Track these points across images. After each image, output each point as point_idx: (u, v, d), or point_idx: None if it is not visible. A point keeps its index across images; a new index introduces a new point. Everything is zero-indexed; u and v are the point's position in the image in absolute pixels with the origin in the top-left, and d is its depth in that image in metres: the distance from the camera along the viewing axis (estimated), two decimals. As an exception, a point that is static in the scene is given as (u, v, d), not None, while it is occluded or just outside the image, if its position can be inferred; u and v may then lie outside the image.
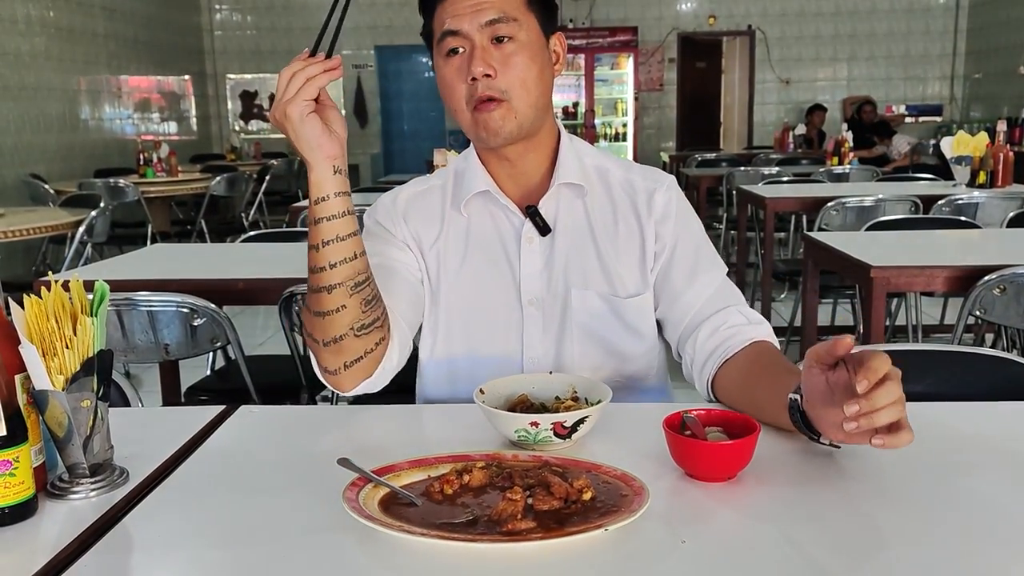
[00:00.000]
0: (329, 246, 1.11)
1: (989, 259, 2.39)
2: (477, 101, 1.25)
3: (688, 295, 1.32)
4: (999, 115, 8.43)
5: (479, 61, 1.23)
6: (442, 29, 1.26)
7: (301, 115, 1.10)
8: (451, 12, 1.25)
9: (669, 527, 0.86)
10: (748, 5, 10.61)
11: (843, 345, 0.95)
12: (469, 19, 1.24)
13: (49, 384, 0.91)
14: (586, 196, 1.35)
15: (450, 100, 1.29)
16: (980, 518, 0.88)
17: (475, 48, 1.24)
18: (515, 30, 1.25)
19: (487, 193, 1.34)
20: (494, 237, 1.36)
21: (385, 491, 0.90)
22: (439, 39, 1.27)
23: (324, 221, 1.11)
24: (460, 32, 1.24)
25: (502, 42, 1.25)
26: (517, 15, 1.26)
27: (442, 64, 1.28)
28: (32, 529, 0.89)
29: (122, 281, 2.18)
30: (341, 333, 1.14)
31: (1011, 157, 4.35)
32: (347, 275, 1.12)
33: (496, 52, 1.25)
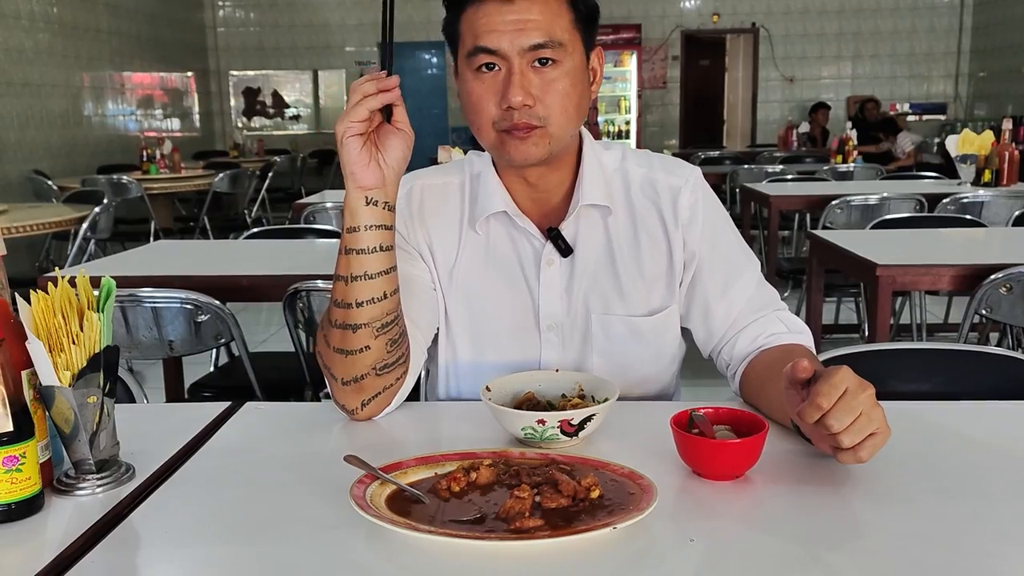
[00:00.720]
0: (358, 282, 1.06)
1: (995, 258, 2.38)
2: (510, 127, 1.15)
3: (723, 305, 1.27)
4: (1004, 113, 8.41)
5: (518, 89, 1.12)
6: (475, 43, 1.13)
7: (342, 135, 1.04)
8: (487, 25, 1.13)
9: (677, 525, 0.86)
10: (752, 3, 10.59)
11: (800, 369, 0.96)
12: (510, 39, 1.12)
13: (56, 380, 0.91)
14: (610, 215, 1.27)
15: (474, 116, 1.18)
16: (988, 518, 0.87)
17: (513, 72, 1.12)
18: (560, 54, 1.13)
19: (505, 213, 1.26)
20: (512, 259, 1.28)
21: (392, 488, 0.90)
22: (470, 52, 1.15)
23: (354, 253, 1.06)
24: (498, 51, 1.13)
25: (544, 66, 1.13)
26: (563, 38, 1.14)
27: (470, 77, 1.16)
28: (39, 525, 0.89)
29: (126, 277, 2.18)
30: (363, 373, 1.10)
31: (1016, 156, 4.35)
32: (374, 315, 1.08)
33: (536, 77, 1.13)
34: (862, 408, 0.91)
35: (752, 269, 1.30)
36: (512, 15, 1.12)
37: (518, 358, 1.28)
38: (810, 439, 1.01)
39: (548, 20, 1.13)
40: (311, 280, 2.12)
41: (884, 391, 1.36)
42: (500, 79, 1.14)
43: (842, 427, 0.90)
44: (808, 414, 0.92)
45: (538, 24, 1.12)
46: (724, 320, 1.28)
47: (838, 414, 0.90)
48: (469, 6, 1.15)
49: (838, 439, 0.92)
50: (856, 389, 0.92)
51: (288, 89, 11.28)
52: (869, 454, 0.93)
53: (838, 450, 0.93)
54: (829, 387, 0.91)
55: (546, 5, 1.13)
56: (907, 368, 1.45)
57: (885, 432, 0.93)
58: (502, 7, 1.12)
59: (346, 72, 10.98)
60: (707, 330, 1.30)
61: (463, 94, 1.19)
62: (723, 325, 1.28)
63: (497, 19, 1.12)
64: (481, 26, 1.13)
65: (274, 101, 11.29)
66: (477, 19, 1.13)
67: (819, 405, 0.91)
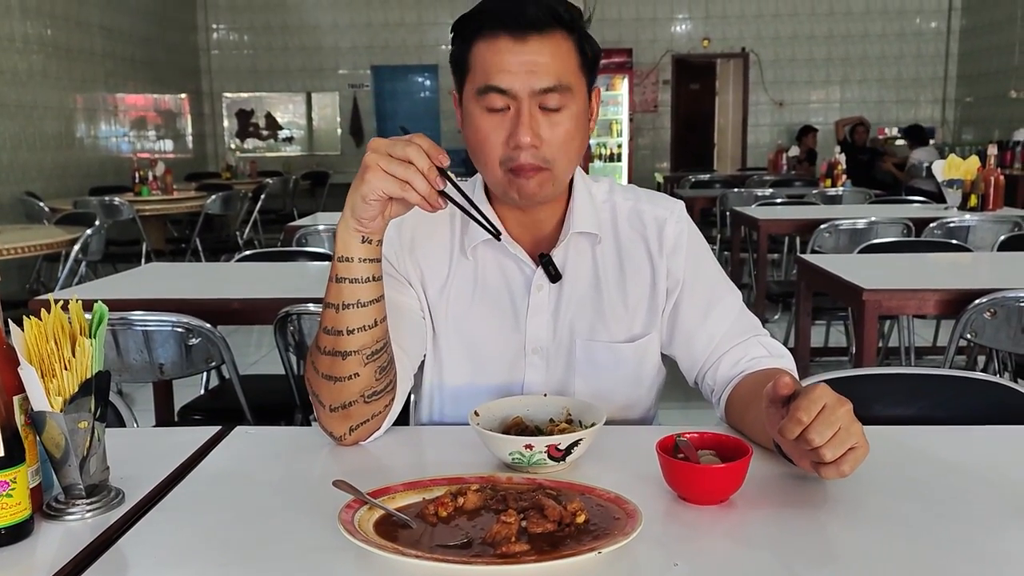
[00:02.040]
0: (349, 310, 1.08)
1: (980, 282, 2.41)
2: (516, 167, 1.18)
3: (704, 331, 1.30)
4: (990, 138, 8.52)
5: (527, 130, 1.15)
6: (487, 81, 1.15)
7: (367, 195, 1.02)
8: (499, 64, 1.15)
9: (662, 550, 0.87)
10: (742, 28, 10.70)
11: (782, 385, 0.99)
12: (522, 80, 1.14)
13: (47, 405, 0.91)
14: (598, 244, 1.31)
15: (480, 152, 1.20)
16: (970, 541, 0.88)
17: (522, 113, 1.15)
18: (567, 99, 1.16)
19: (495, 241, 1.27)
20: (501, 285, 1.31)
21: (380, 513, 0.91)
22: (481, 89, 1.16)
23: (346, 282, 1.08)
24: (509, 91, 1.15)
25: (552, 109, 1.16)
26: (571, 82, 1.17)
27: (478, 113, 1.18)
28: (28, 550, 0.89)
29: (118, 300, 2.18)
30: (351, 400, 1.12)
31: (1002, 180, 4.40)
32: (364, 343, 1.09)
33: (544, 119, 1.16)
34: (841, 422, 0.93)
35: (733, 297, 1.34)
36: (525, 55, 1.14)
37: (502, 381, 1.30)
38: (791, 459, 1.02)
39: (558, 63, 1.15)
40: (302, 303, 2.13)
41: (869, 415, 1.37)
42: (508, 118, 1.16)
43: (823, 440, 0.92)
44: (789, 429, 0.94)
45: (549, 67, 1.14)
46: (706, 346, 1.30)
47: (819, 428, 0.92)
48: (481, 40, 1.16)
49: (820, 453, 0.93)
50: (835, 404, 0.94)
51: (281, 111, 11.32)
52: (851, 468, 0.95)
53: (820, 465, 0.95)
54: (808, 402, 0.94)
55: (557, 48, 1.15)
56: (892, 392, 1.46)
57: (864, 446, 0.95)
58: (515, 46, 1.14)
59: (339, 94, 11.03)
60: (690, 356, 1.32)
61: (470, 127, 1.21)
62: (705, 350, 1.30)
63: (510, 58, 1.14)
64: (493, 64, 1.15)
65: (267, 123, 11.33)
66: (489, 56, 1.15)
67: (799, 419, 0.93)
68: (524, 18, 1.13)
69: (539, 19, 1.14)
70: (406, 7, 10.70)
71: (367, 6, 10.72)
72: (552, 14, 1.15)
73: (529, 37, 1.14)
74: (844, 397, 0.96)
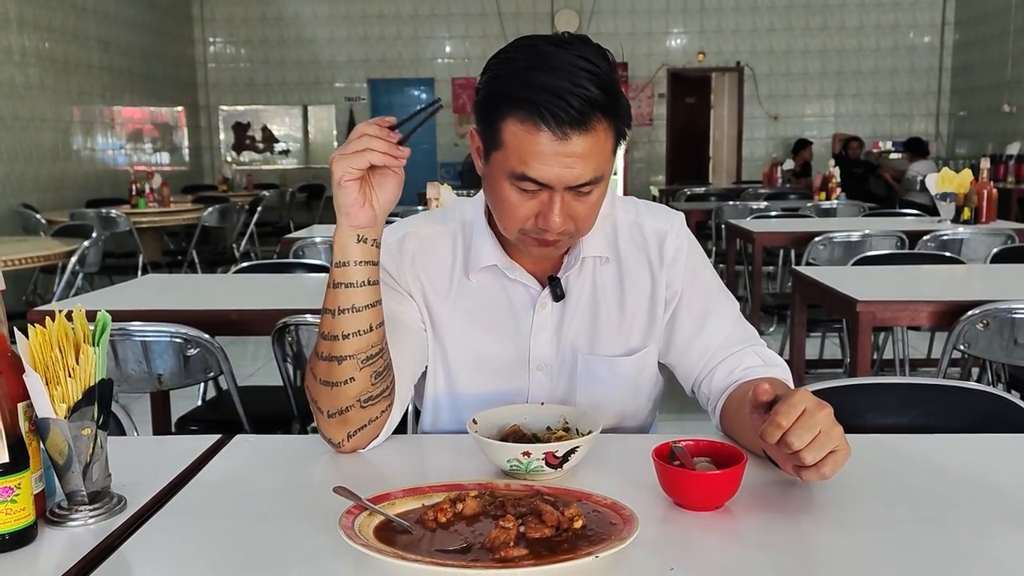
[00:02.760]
0: (345, 315, 1.09)
1: (973, 294, 2.43)
2: (540, 237, 1.18)
3: (700, 339, 1.31)
4: (984, 152, 8.57)
5: (560, 217, 1.14)
6: (523, 171, 1.11)
7: (340, 179, 1.06)
8: (538, 157, 1.10)
9: (658, 555, 0.88)
10: (736, 42, 10.77)
11: (761, 392, 1.01)
12: (559, 174, 1.11)
13: (52, 412, 0.92)
14: (601, 263, 1.31)
15: (502, 215, 1.19)
16: (961, 547, 0.90)
17: (555, 202, 1.13)
18: (599, 184, 1.16)
19: (497, 267, 1.29)
20: (505, 304, 1.31)
21: (380, 519, 0.92)
22: (516, 176, 1.12)
23: (342, 287, 1.09)
24: (547, 184, 1.12)
25: (583, 194, 1.15)
26: (606, 169, 1.15)
27: (507, 187, 1.15)
28: (32, 555, 0.90)
29: (116, 311, 2.18)
30: (348, 405, 1.13)
31: (995, 194, 4.43)
32: (360, 347, 1.11)
33: (575, 203, 1.15)
34: (821, 426, 0.95)
35: (730, 307, 1.35)
36: (564, 152, 1.10)
37: (506, 398, 1.31)
38: (777, 463, 1.04)
39: (596, 156, 1.12)
40: (300, 314, 2.15)
41: (862, 424, 1.39)
42: (539, 200, 1.15)
43: (803, 444, 0.94)
44: (769, 434, 0.96)
45: (588, 162, 1.11)
46: (703, 355, 1.31)
47: (798, 432, 0.94)
48: (517, 121, 1.10)
49: (800, 456, 0.95)
50: (814, 408, 0.96)
51: (278, 124, 11.36)
52: (832, 470, 0.96)
53: (801, 468, 0.97)
54: (788, 407, 0.96)
55: (596, 142, 1.11)
56: (885, 402, 1.48)
57: (845, 449, 0.97)
58: (554, 142, 1.09)
59: (335, 107, 11.07)
60: (687, 365, 1.34)
61: (494, 193, 1.18)
62: (701, 359, 1.32)
63: (550, 153, 1.10)
64: (531, 155, 1.11)
65: (263, 136, 11.36)
66: (525, 144, 1.11)
67: (779, 424, 0.95)
68: (567, 115, 1.08)
69: (581, 115, 1.08)
70: (403, 21, 10.76)
71: (364, 20, 10.78)
72: (594, 104, 1.09)
73: (570, 134, 1.09)
74: (824, 401, 0.98)
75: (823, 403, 0.97)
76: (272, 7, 10.79)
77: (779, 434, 0.95)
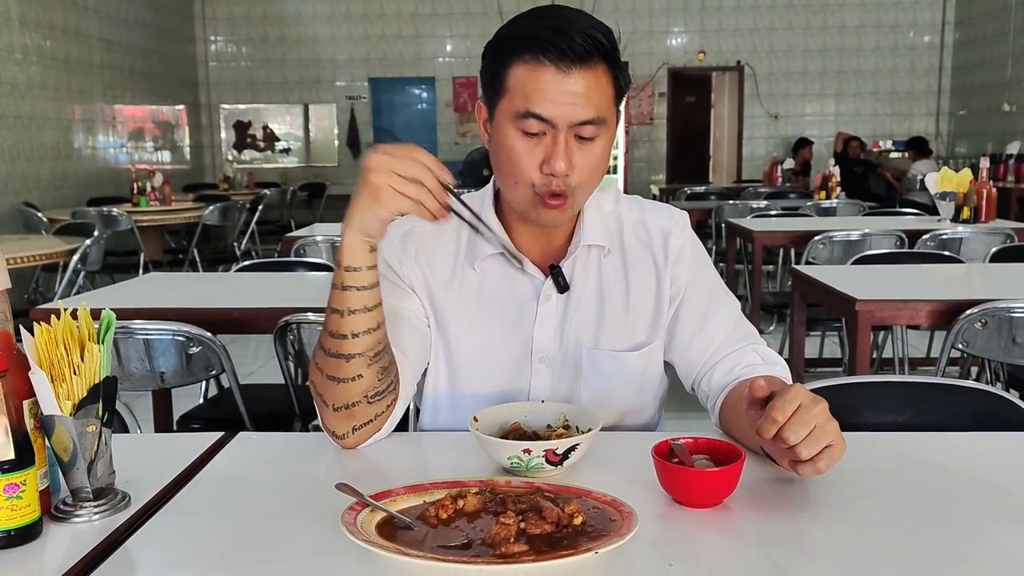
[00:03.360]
0: (355, 315, 1.11)
1: (972, 293, 2.44)
2: (547, 193, 1.19)
3: (701, 337, 1.32)
4: (983, 151, 8.58)
5: (563, 159, 1.16)
6: (528, 108, 1.15)
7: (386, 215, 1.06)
8: (542, 94, 1.15)
9: (657, 551, 0.89)
10: (737, 41, 10.78)
11: (757, 387, 1.03)
12: (564, 111, 1.15)
13: (57, 409, 0.93)
14: (606, 255, 1.33)
15: (510, 174, 1.21)
16: (958, 544, 0.91)
17: (559, 142, 1.16)
18: (601, 130, 1.19)
19: (503, 255, 1.29)
20: (509, 296, 1.32)
21: (382, 515, 0.93)
22: (520, 114, 1.16)
23: (353, 290, 1.10)
24: (549, 121, 1.16)
25: (587, 139, 1.18)
26: (607, 114, 1.19)
27: (512, 135, 1.18)
28: (37, 551, 0.91)
29: (118, 309, 2.19)
30: (355, 400, 1.14)
31: (994, 193, 4.43)
32: (368, 345, 1.12)
33: (578, 149, 1.18)
34: (816, 421, 0.96)
35: (731, 306, 1.36)
36: (567, 86, 1.14)
37: (507, 389, 1.32)
38: (774, 458, 1.05)
39: (598, 96, 1.17)
40: (302, 312, 2.15)
41: (861, 422, 1.40)
42: (544, 144, 1.17)
43: (798, 439, 0.95)
44: (765, 429, 0.97)
45: (589, 100, 1.16)
46: (703, 353, 1.32)
47: (794, 427, 0.95)
48: (522, 63, 1.16)
49: (796, 451, 0.96)
50: (809, 403, 0.97)
51: (279, 123, 11.36)
52: (827, 465, 0.97)
53: (797, 463, 0.98)
54: (783, 402, 0.97)
55: (597, 80, 1.16)
56: (884, 400, 1.48)
57: (841, 444, 0.98)
58: (558, 76, 1.14)
59: (336, 106, 11.07)
60: (687, 362, 1.34)
61: (502, 148, 1.21)
62: (702, 357, 1.33)
63: (553, 88, 1.14)
64: (535, 92, 1.15)
65: (264, 134, 11.36)
66: (531, 82, 1.15)
67: (774, 419, 0.96)
68: (571, 49, 1.13)
69: (584, 51, 1.14)
70: (404, 20, 10.76)
71: (364, 19, 10.78)
72: (596, 46, 1.15)
73: (573, 69, 1.14)
74: (819, 396, 0.99)
75: (818, 398, 0.98)
76: (273, 6, 10.80)
77: (775, 429, 0.96)
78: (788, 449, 0.97)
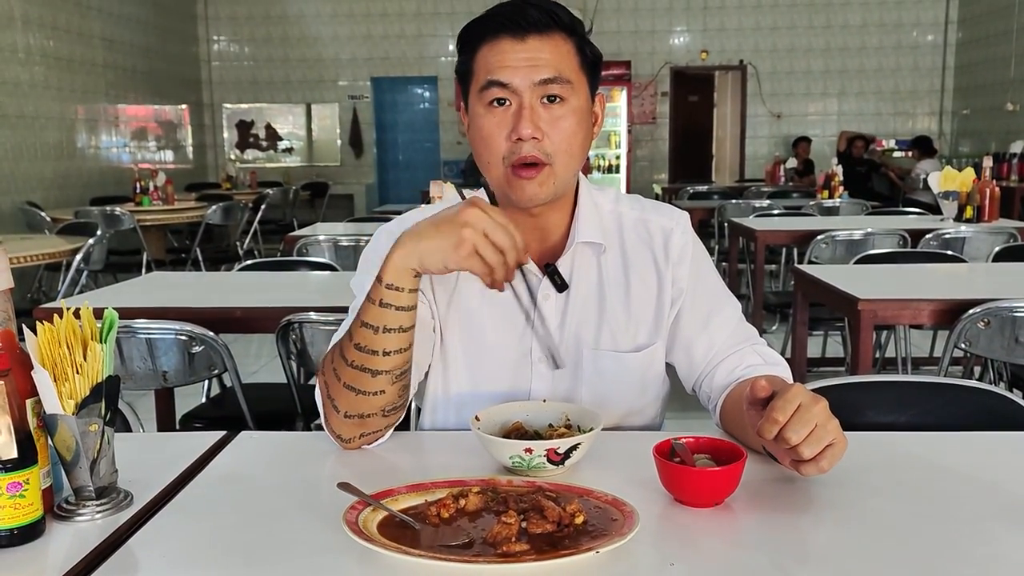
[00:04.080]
0: (390, 334, 1.10)
1: (975, 293, 2.43)
2: (519, 163, 1.19)
3: (703, 339, 1.32)
4: (987, 150, 8.57)
5: (528, 122, 1.17)
6: (488, 77, 1.19)
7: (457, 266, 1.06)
8: (501, 61, 1.18)
9: (658, 550, 0.89)
10: (740, 40, 10.77)
11: (759, 388, 1.03)
12: (523, 74, 1.17)
13: (60, 408, 0.94)
14: (604, 253, 1.32)
15: (484, 152, 1.22)
16: (959, 543, 0.91)
17: (524, 107, 1.17)
18: (568, 92, 1.19)
19: None
20: (507, 296, 1.29)
21: (384, 514, 0.93)
22: (483, 86, 1.19)
23: (392, 308, 1.09)
24: (509, 86, 1.18)
25: (553, 102, 1.19)
26: (571, 77, 1.20)
27: (481, 112, 1.21)
28: (39, 550, 0.91)
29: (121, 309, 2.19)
30: (371, 412, 1.14)
31: (997, 192, 4.43)
32: (396, 364, 1.12)
33: (545, 113, 1.19)
34: (817, 420, 0.96)
35: (732, 307, 1.36)
36: (525, 52, 1.18)
37: (509, 390, 1.31)
38: (776, 458, 1.05)
39: (557, 59, 1.19)
40: (304, 312, 2.15)
41: (863, 422, 1.40)
42: (511, 113, 1.19)
43: (800, 439, 0.95)
44: (766, 429, 0.97)
45: (548, 61, 1.18)
46: (705, 354, 1.32)
47: (795, 426, 0.95)
48: (484, 45, 1.21)
49: (798, 451, 0.96)
50: (810, 402, 0.97)
51: (281, 122, 11.37)
52: (830, 464, 0.97)
53: (800, 463, 0.98)
54: (784, 402, 0.97)
55: (556, 46, 1.20)
56: (886, 400, 1.48)
57: (842, 442, 0.98)
58: (515, 44, 1.19)
59: (339, 106, 11.08)
60: (689, 363, 1.34)
61: (474, 129, 1.23)
62: (704, 358, 1.32)
63: (511, 55, 1.18)
64: (495, 62, 1.19)
65: (267, 134, 11.37)
66: (491, 56, 1.20)
67: (775, 419, 0.96)
68: (524, 19, 1.18)
69: (539, 20, 1.18)
70: (406, 20, 10.77)
71: (367, 19, 10.79)
72: (552, 17, 1.19)
73: (529, 36, 1.18)
74: (820, 395, 0.99)
75: (818, 397, 0.98)
76: (276, 5, 10.81)
77: (776, 429, 0.96)
78: (790, 449, 0.97)
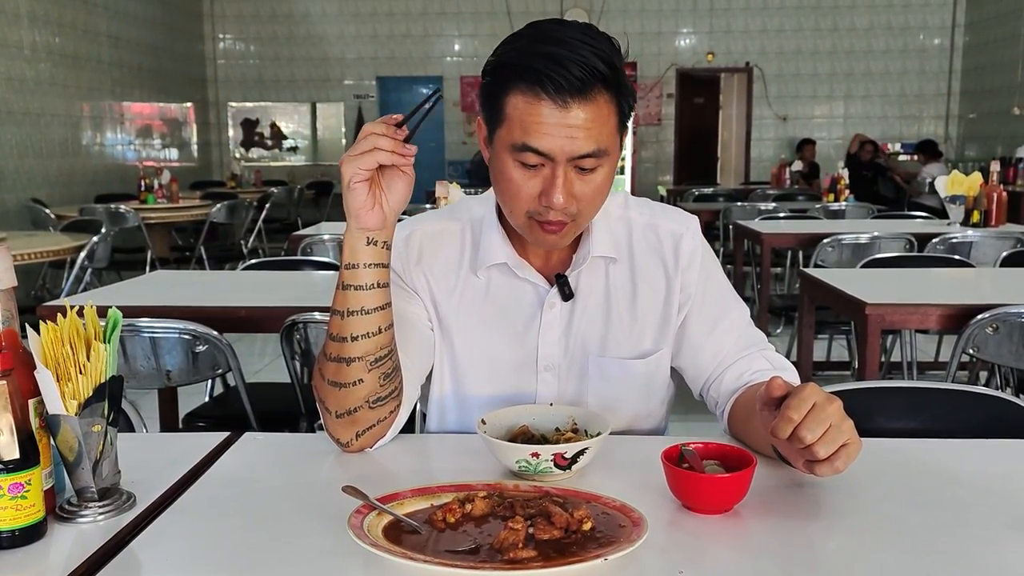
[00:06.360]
0: (354, 317, 1.09)
1: (982, 298, 2.42)
2: (544, 221, 1.17)
3: (711, 343, 1.30)
4: (993, 154, 8.54)
5: (562, 192, 1.12)
6: (525, 141, 1.11)
7: (350, 180, 1.06)
8: (539, 128, 1.11)
9: (667, 558, 0.88)
10: (746, 42, 10.75)
11: (775, 386, 1.01)
12: (561, 144, 1.11)
13: (62, 409, 0.93)
14: (612, 263, 1.30)
15: (509, 200, 1.18)
16: (969, 551, 0.90)
17: (557, 175, 1.12)
18: (603, 160, 1.14)
19: (507, 264, 1.28)
20: (512, 304, 1.30)
21: (389, 518, 0.92)
22: (518, 147, 1.13)
23: (352, 289, 1.09)
24: (548, 155, 1.12)
25: (587, 170, 1.14)
26: (609, 145, 1.14)
27: (510, 164, 1.15)
28: (41, 552, 0.90)
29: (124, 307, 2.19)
30: (356, 406, 1.13)
31: (1004, 197, 4.40)
32: (368, 349, 1.10)
33: (578, 179, 1.14)
34: (831, 419, 0.95)
35: (740, 312, 1.34)
36: (565, 121, 1.10)
37: (512, 396, 1.30)
38: (788, 460, 1.03)
39: (598, 128, 1.12)
40: (308, 312, 2.15)
41: (871, 428, 1.39)
42: (542, 176, 1.14)
43: (815, 438, 0.94)
44: (780, 428, 0.96)
45: (589, 133, 1.11)
46: (712, 358, 1.31)
47: (810, 425, 0.94)
48: (519, 93, 1.12)
49: (813, 451, 0.95)
50: (824, 402, 0.96)
51: (286, 121, 11.37)
52: (845, 464, 0.96)
53: (814, 463, 0.97)
54: (799, 401, 0.96)
55: (598, 112, 1.12)
56: (894, 406, 1.47)
57: (857, 442, 0.97)
58: (555, 111, 1.10)
59: (344, 105, 11.08)
60: (696, 368, 1.33)
61: (499, 173, 1.18)
62: (711, 363, 1.31)
63: (550, 125, 1.10)
64: (532, 124, 1.11)
65: (272, 132, 11.38)
66: (527, 115, 1.11)
67: (790, 418, 0.95)
68: (566, 80, 1.09)
69: (581, 79, 1.09)
70: (412, 19, 10.76)
71: (373, 18, 10.79)
72: (595, 74, 1.10)
73: (571, 103, 1.10)
74: (834, 395, 0.98)
75: (832, 397, 0.97)
76: (282, 4, 10.81)
77: (790, 428, 0.95)
78: (804, 449, 0.96)
